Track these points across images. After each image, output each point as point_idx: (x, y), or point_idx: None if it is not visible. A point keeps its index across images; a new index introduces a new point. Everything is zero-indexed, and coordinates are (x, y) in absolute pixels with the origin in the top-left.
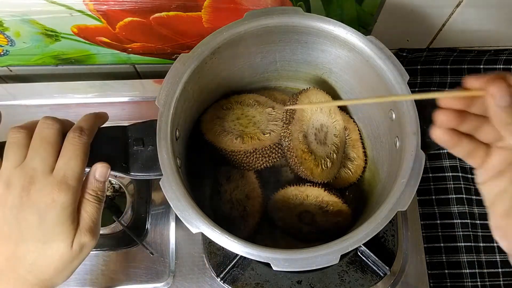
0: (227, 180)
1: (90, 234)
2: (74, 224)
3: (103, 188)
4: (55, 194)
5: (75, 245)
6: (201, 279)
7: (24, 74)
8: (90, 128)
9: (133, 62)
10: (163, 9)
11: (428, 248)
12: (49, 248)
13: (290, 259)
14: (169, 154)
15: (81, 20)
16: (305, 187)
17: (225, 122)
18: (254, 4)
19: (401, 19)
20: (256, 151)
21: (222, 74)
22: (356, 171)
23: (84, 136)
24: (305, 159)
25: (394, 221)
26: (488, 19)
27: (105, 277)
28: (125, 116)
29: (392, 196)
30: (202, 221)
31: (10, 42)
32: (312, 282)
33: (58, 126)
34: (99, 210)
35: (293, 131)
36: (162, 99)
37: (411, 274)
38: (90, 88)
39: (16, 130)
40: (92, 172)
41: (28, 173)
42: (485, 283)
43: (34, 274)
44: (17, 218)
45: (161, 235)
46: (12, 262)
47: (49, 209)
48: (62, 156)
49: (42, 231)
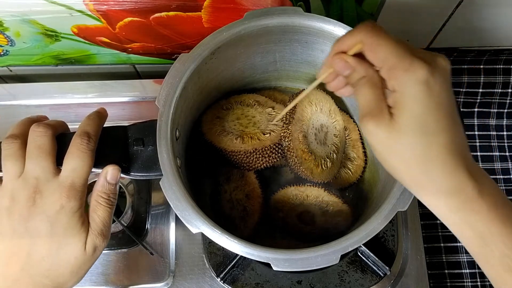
0: (227, 180)
1: (101, 237)
2: (85, 225)
3: (115, 191)
4: (64, 200)
5: (89, 247)
6: (201, 279)
7: (24, 74)
8: (96, 134)
9: (133, 62)
10: (163, 9)
11: (428, 248)
12: (64, 253)
13: (290, 259)
14: (169, 154)
15: (81, 20)
16: (305, 187)
17: (225, 122)
18: (254, 4)
19: (401, 19)
20: (256, 151)
21: (222, 74)
22: (356, 171)
23: (92, 143)
24: (305, 159)
25: (394, 221)
26: (488, 19)
27: (105, 277)
28: (125, 116)
29: (392, 196)
30: (202, 221)
31: (10, 42)
32: (312, 282)
33: (51, 132)
34: (110, 213)
35: (293, 131)
36: (162, 99)
37: (411, 274)
38: (90, 88)
39: (10, 141)
40: (104, 174)
41: (31, 183)
42: (485, 283)
43: (51, 279)
44: (27, 228)
45: (161, 235)
46: (27, 270)
47: (59, 215)
48: (69, 162)
49: (55, 237)
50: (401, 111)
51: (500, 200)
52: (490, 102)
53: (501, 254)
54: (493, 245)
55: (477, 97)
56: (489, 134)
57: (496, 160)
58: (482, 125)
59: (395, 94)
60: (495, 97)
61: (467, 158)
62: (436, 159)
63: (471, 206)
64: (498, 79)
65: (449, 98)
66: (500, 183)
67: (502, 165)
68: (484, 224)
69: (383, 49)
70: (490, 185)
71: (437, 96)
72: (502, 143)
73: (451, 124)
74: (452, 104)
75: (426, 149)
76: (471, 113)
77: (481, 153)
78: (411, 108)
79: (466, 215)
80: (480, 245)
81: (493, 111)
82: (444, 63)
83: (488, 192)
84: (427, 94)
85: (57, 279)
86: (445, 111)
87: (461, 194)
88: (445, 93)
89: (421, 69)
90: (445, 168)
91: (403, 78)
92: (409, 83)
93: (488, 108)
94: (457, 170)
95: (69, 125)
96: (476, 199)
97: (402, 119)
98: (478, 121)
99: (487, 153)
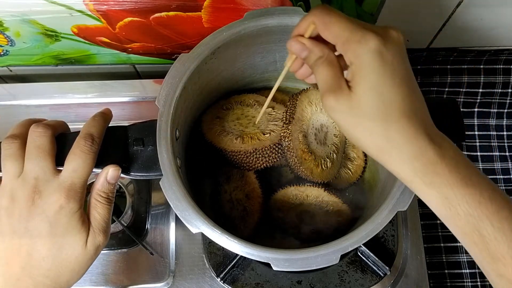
0: (227, 180)
1: (103, 234)
2: (85, 225)
3: (114, 190)
4: (63, 201)
5: (90, 246)
6: (201, 279)
7: (24, 74)
8: (100, 136)
9: (133, 62)
10: (163, 9)
11: (428, 248)
12: (65, 253)
13: (290, 259)
14: (169, 154)
15: (81, 20)
16: (305, 187)
17: (225, 122)
18: (254, 4)
19: (401, 19)
20: (256, 151)
21: (222, 74)
22: (356, 171)
23: (95, 145)
24: (305, 159)
25: (394, 221)
26: (488, 19)
27: (105, 277)
28: (125, 116)
29: (392, 196)
30: (202, 221)
31: (10, 42)
32: (312, 282)
33: (50, 132)
34: (110, 210)
35: (293, 131)
36: (162, 99)
37: (411, 274)
38: (90, 88)
39: (9, 141)
40: (104, 174)
41: (30, 183)
42: (485, 283)
43: (51, 278)
44: (27, 228)
45: (161, 235)
46: (28, 270)
47: (58, 216)
48: (70, 163)
49: (55, 237)
50: (358, 82)
51: (462, 162)
52: (490, 102)
53: (466, 214)
54: (458, 206)
55: (477, 97)
56: (489, 134)
57: (496, 160)
58: (482, 125)
59: (351, 67)
60: (495, 97)
61: (427, 124)
62: (396, 125)
63: (433, 169)
64: (498, 79)
65: (404, 67)
66: (500, 183)
67: (502, 165)
68: (447, 186)
69: (335, 25)
70: (450, 148)
71: (390, 64)
72: (502, 143)
73: (407, 91)
74: (408, 73)
75: (385, 116)
76: (471, 113)
77: (481, 153)
78: (366, 77)
79: (430, 178)
80: (446, 207)
81: (493, 111)
82: (396, 34)
83: (449, 155)
84: (380, 62)
85: (57, 279)
86: (400, 79)
87: (423, 158)
88: (398, 62)
89: (373, 39)
90: (405, 133)
91: (356, 49)
92: (362, 53)
93: (488, 108)
94: (417, 135)
95: (69, 125)
96: (438, 162)
97: (359, 89)
98: (478, 121)
99: (487, 153)
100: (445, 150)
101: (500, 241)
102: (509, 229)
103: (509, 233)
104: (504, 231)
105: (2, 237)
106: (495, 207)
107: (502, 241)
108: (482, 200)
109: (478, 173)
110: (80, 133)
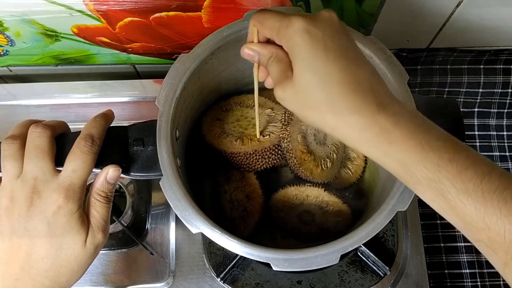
0: (227, 181)
1: (102, 233)
2: (84, 225)
3: (113, 190)
4: (62, 201)
5: (89, 245)
6: (201, 279)
7: (24, 74)
8: (100, 137)
9: (133, 62)
10: (163, 9)
11: (428, 248)
12: (64, 254)
13: (290, 259)
14: (169, 154)
15: (81, 20)
16: (305, 187)
17: (225, 124)
18: (254, 4)
19: (401, 19)
20: (255, 153)
21: (222, 74)
22: (356, 171)
23: (95, 146)
24: (305, 159)
25: (394, 221)
26: (488, 19)
27: (105, 277)
28: (125, 116)
29: (392, 196)
30: (202, 221)
31: (10, 42)
32: (312, 282)
33: (50, 132)
34: (109, 209)
35: (291, 132)
36: (162, 99)
37: (411, 274)
38: (90, 88)
39: (9, 142)
40: (104, 174)
41: (29, 183)
42: (485, 283)
43: (50, 278)
44: (26, 228)
45: (161, 235)
46: (27, 270)
47: (57, 216)
48: (70, 163)
49: (54, 238)
50: (294, 65)
51: (418, 127)
52: (490, 102)
53: (425, 179)
54: (416, 172)
55: (477, 97)
56: (489, 134)
57: (496, 160)
58: (482, 125)
59: (289, 54)
60: (495, 97)
61: (377, 93)
62: (339, 98)
63: (386, 137)
64: (498, 79)
65: (338, 41)
66: None
67: (502, 165)
68: (402, 153)
69: (268, 20)
70: (406, 114)
71: (321, 41)
72: (502, 143)
73: (344, 63)
74: (345, 47)
75: (327, 92)
76: (471, 113)
77: (481, 153)
78: (299, 57)
79: (385, 146)
80: (405, 173)
81: (493, 111)
82: (326, 13)
83: (405, 121)
84: (309, 40)
85: (57, 279)
86: (335, 52)
87: (375, 127)
88: (330, 37)
89: (298, 20)
90: (351, 105)
91: (286, 34)
92: (291, 36)
93: (488, 108)
94: (365, 105)
95: (69, 125)
96: (391, 130)
97: (297, 71)
98: (478, 121)
99: (487, 153)
100: (400, 117)
101: (466, 204)
102: (474, 190)
103: (474, 195)
104: (469, 193)
105: (2, 237)
106: (457, 168)
107: (468, 203)
108: (441, 162)
109: (442, 137)
110: (80, 134)
